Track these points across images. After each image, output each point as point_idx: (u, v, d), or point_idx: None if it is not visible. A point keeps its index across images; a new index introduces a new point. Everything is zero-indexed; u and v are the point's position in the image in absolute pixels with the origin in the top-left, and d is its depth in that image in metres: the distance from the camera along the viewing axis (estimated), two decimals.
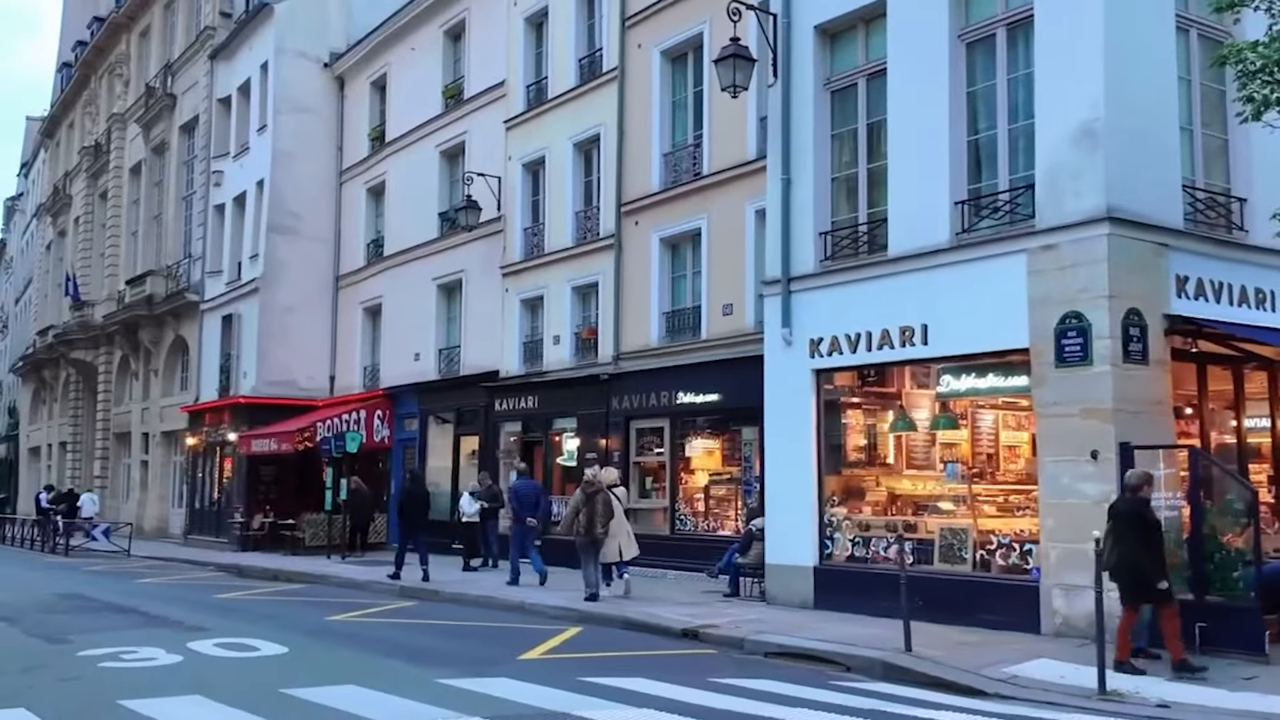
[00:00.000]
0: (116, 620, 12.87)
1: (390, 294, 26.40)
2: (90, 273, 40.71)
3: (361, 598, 16.08)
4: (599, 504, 14.08)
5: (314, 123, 28.71)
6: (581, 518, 14.03)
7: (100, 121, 41.76)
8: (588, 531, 13.98)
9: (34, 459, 49.81)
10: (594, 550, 14.11)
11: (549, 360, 20.93)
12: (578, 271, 20.40)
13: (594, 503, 14.06)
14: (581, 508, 14.09)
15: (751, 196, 16.65)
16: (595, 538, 13.99)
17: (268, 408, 27.41)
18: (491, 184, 22.47)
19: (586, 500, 14.10)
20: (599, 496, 14.15)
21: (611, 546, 14.24)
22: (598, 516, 14.00)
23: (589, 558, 14.11)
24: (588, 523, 13.97)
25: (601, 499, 14.15)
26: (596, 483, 14.32)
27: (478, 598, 15.21)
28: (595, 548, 14.09)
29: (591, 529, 13.97)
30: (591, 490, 14.19)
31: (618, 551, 14.33)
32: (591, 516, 14.00)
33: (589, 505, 14.06)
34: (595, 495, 14.13)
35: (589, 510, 14.03)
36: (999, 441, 12.78)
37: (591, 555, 14.12)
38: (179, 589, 17.65)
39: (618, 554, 14.35)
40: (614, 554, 14.32)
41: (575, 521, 14.08)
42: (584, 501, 14.11)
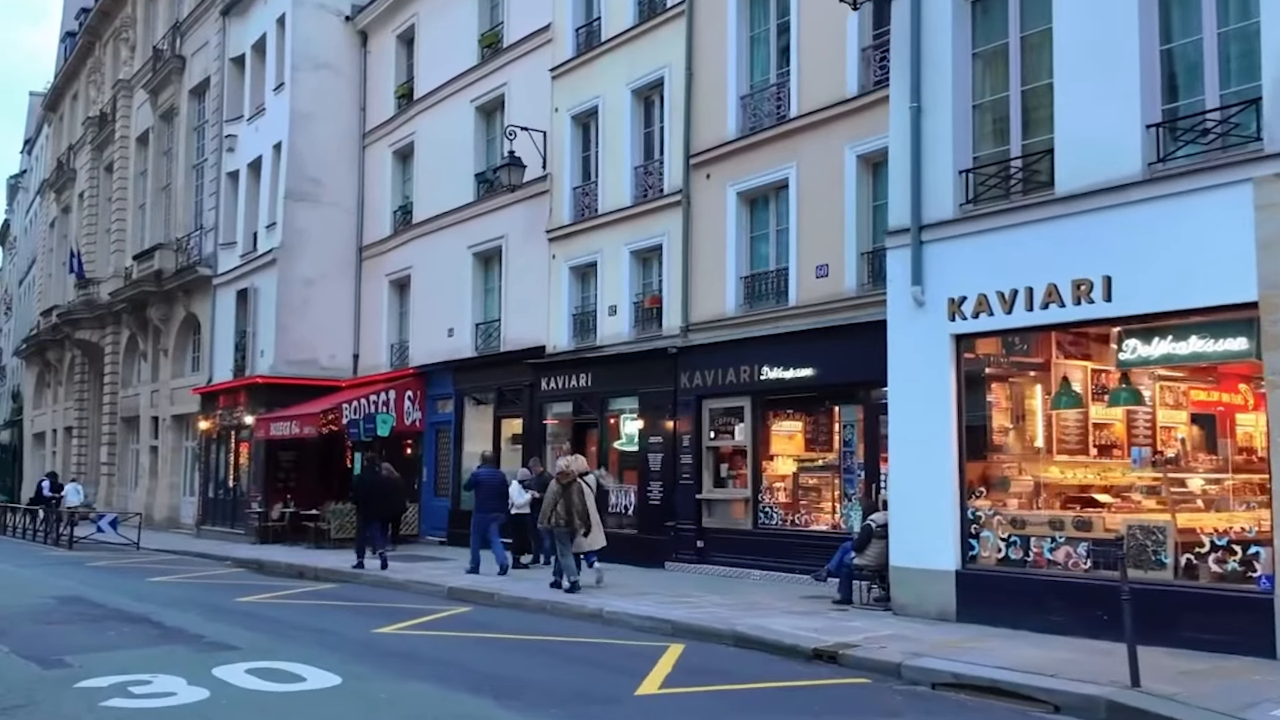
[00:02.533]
0: (125, 633, 10.76)
1: (420, 265, 24.24)
2: (96, 249, 38.67)
3: (405, 600, 13.98)
4: (575, 494, 13.86)
5: (335, 81, 26.51)
6: (560, 509, 13.82)
7: (105, 90, 39.62)
8: (567, 523, 13.80)
9: (38, 445, 47.84)
10: (571, 540, 13.92)
11: (604, 334, 18.75)
12: (637, 233, 18.20)
13: (570, 493, 13.85)
14: (559, 499, 13.86)
15: (852, 139, 14.48)
16: (574, 528, 13.81)
17: (287, 388, 25.30)
18: (535, 140, 20.28)
19: (563, 491, 13.87)
20: (574, 486, 13.91)
21: (591, 537, 14.05)
22: (574, 507, 13.81)
23: (567, 548, 13.91)
24: (566, 514, 13.79)
25: (576, 489, 13.91)
26: (571, 472, 14.05)
27: (541, 603, 13.08)
28: (573, 538, 13.89)
29: (570, 520, 13.78)
30: (566, 481, 13.93)
31: (591, 540, 14.09)
32: (569, 507, 13.80)
33: (565, 496, 13.82)
34: (570, 486, 13.89)
35: (566, 501, 13.81)
36: (1199, 420, 10.57)
37: (569, 546, 13.93)
38: (195, 590, 15.55)
39: (591, 544, 14.10)
40: (591, 544, 14.09)
41: (554, 513, 13.87)
42: (560, 493, 13.88)
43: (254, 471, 25.59)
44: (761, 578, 15.04)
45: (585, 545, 14.06)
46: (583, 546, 14.07)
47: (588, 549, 14.15)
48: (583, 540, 13.98)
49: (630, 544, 17.55)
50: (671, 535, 16.72)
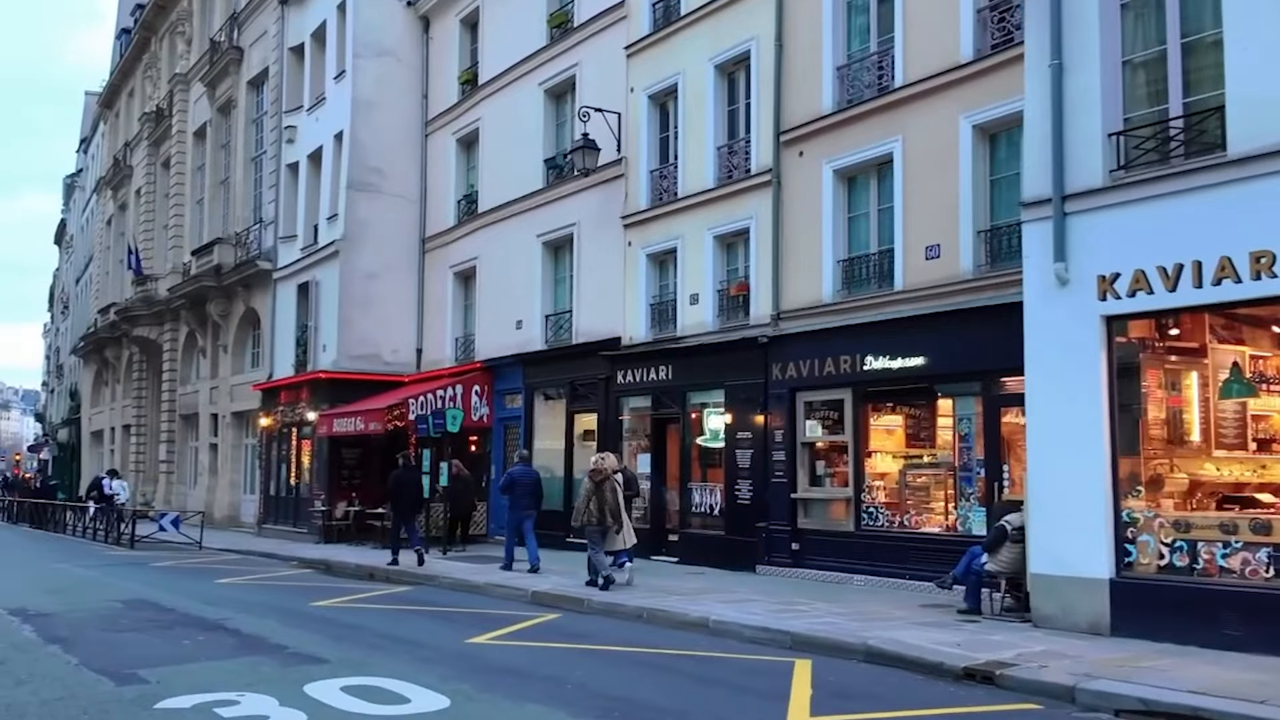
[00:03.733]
0: (201, 642, 9.97)
1: (486, 255, 23.43)
2: (153, 245, 38.44)
3: (489, 605, 13.09)
4: (607, 492, 13.75)
5: (396, 68, 25.81)
6: (592, 506, 13.70)
7: (161, 85, 39.39)
8: (599, 520, 13.66)
9: (96, 443, 47.87)
10: (601, 537, 13.79)
11: (685, 324, 17.77)
12: (721, 217, 17.20)
13: (603, 491, 13.74)
14: (591, 496, 13.75)
15: (967, 108, 13.37)
16: (606, 526, 13.68)
17: (349, 384, 24.64)
18: (610, 122, 19.36)
19: (595, 489, 13.76)
20: (607, 484, 13.78)
21: (618, 536, 13.90)
22: (607, 505, 13.69)
23: (599, 546, 13.79)
24: (599, 511, 13.67)
25: (609, 486, 13.80)
26: (604, 470, 13.91)
27: (637, 610, 12.12)
28: (603, 535, 13.78)
29: (603, 517, 13.66)
30: (599, 479, 13.80)
31: (623, 540, 13.94)
32: (601, 505, 13.68)
33: (598, 494, 13.73)
34: (603, 483, 13.77)
35: (598, 499, 13.70)
36: None
37: (600, 543, 13.80)
38: (266, 593, 14.80)
39: (623, 543, 13.95)
40: (619, 543, 13.92)
41: (587, 511, 13.74)
42: (593, 490, 13.78)
43: (317, 469, 24.95)
44: (866, 584, 13.99)
45: (618, 544, 13.93)
46: (616, 544, 13.94)
47: (621, 547, 14.01)
48: (615, 538, 13.87)
49: (717, 546, 16.58)
50: (763, 537, 15.71)
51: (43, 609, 12.37)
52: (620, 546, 13.99)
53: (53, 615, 11.86)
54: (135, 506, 30.50)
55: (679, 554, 17.43)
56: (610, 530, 13.75)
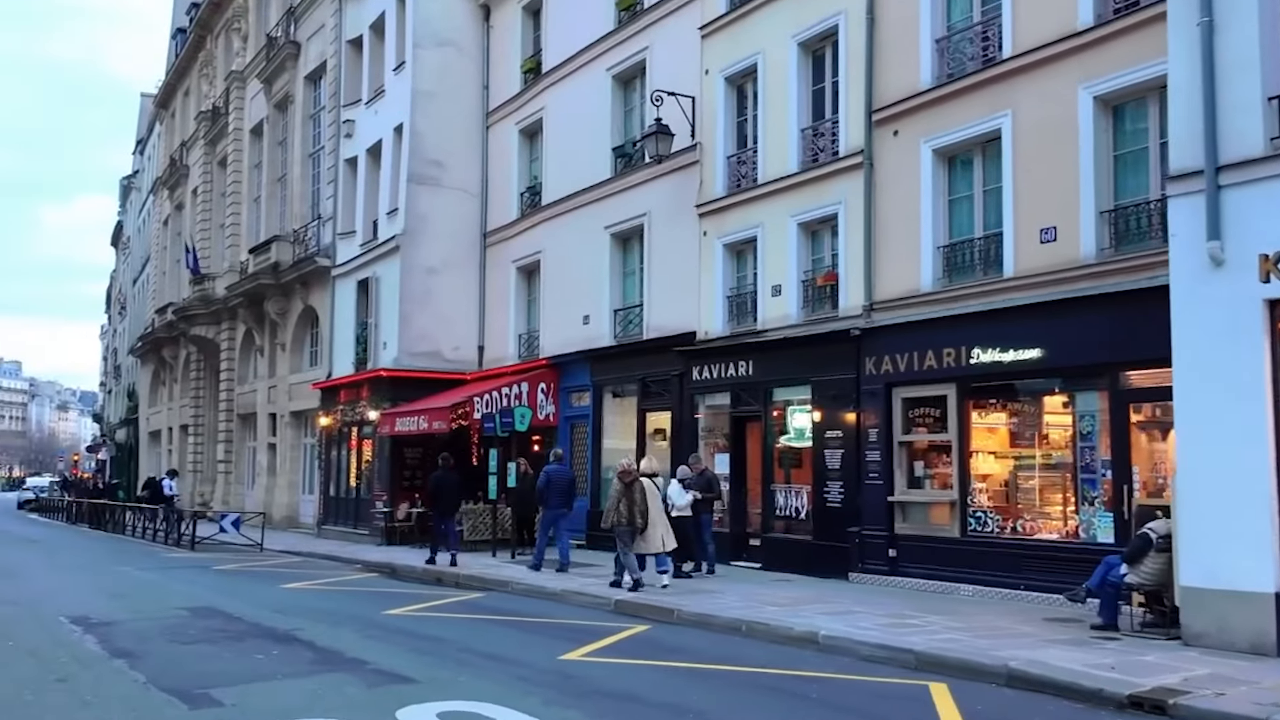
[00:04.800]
0: (276, 656, 9.25)
1: (550, 248, 22.67)
2: (210, 244, 38.27)
3: (569, 614, 12.29)
4: (637, 493, 13.72)
5: (457, 58, 25.14)
6: (622, 507, 13.67)
7: (217, 83, 39.20)
8: (629, 521, 13.63)
9: (154, 443, 47.97)
10: (633, 539, 13.72)
11: (766, 316, 16.85)
12: (806, 203, 16.26)
13: (632, 492, 13.72)
14: (621, 497, 13.72)
15: (1087, 78, 12.30)
16: (636, 527, 13.65)
17: (410, 382, 24.02)
18: (683, 106, 18.49)
19: (625, 490, 13.75)
20: (636, 485, 13.79)
21: (653, 538, 13.81)
22: (636, 505, 13.63)
23: (629, 547, 13.74)
24: (628, 512, 13.64)
25: (639, 488, 13.77)
26: (633, 471, 13.97)
27: (733, 623, 11.23)
28: (634, 537, 13.72)
29: (632, 518, 13.62)
30: (629, 480, 13.82)
31: (660, 542, 13.88)
32: (631, 506, 13.65)
33: (628, 494, 13.71)
34: (633, 484, 13.78)
35: (628, 499, 13.67)
36: None
37: (630, 544, 13.73)
38: (335, 599, 14.12)
39: (660, 545, 13.89)
40: (656, 545, 13.86)
41: (616, 511, 13.71)
42: (623, 491, 13.76)
43: (378, 469, 24.37)
44: (974, 594, 12.98)
45: (645, 547, 13.84)
46: (653, 547, 13.87)
47: (650, 550, 13.91)
48: (654, 540, 13.82)
49: (805, 551, 15.65)
50: (856, 543, 14.75)
51: (105, 616, 11.78)
52: (658, 549, 13.92)
53: (116, 624, 11.25)
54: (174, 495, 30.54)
55: (761, 559, 16.52)
56: (639, 531, 13.70)
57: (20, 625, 11.16)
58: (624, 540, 13.74)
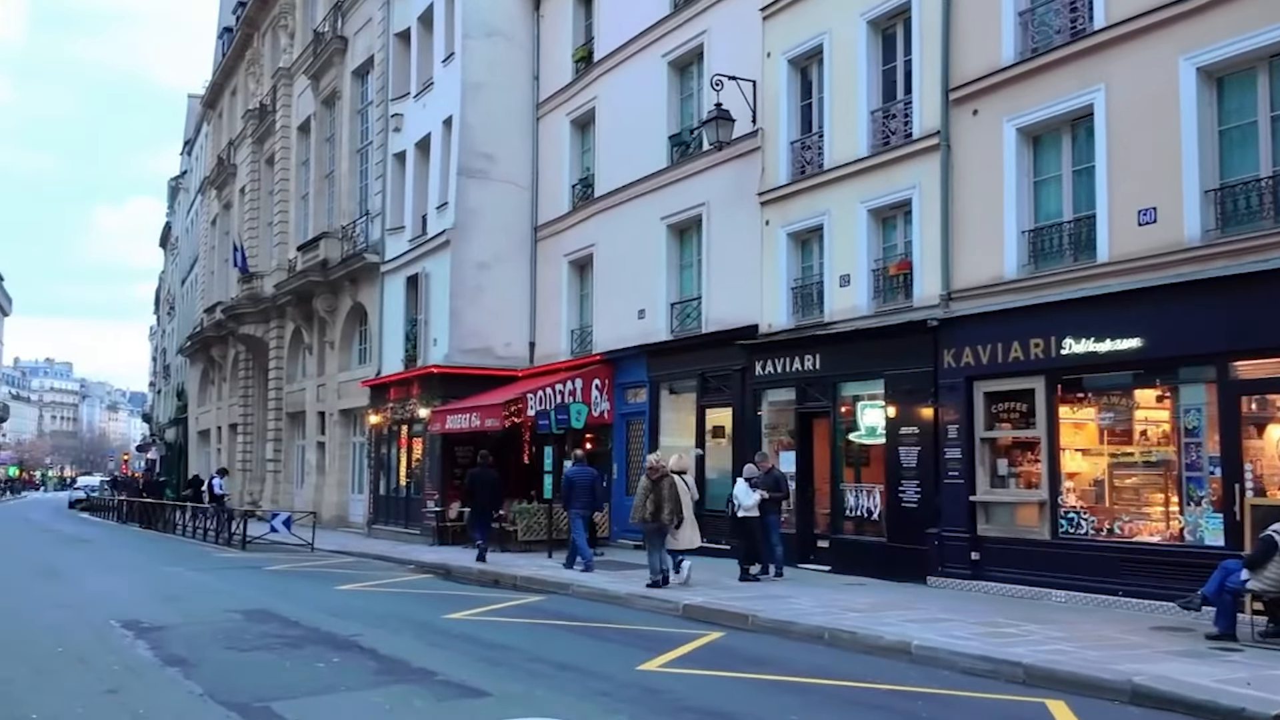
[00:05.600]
0: (337, 665, 8.72)
1: (604, 242, 22.09)
2: (258, 243, 38.18)
3: (639, 620, 11.69)
4: (665, 489, 13.72)
5: (507, 48, 24.64)
6: (649, 504, 13.71)
7: (264, 81, 39.11)
8: (654, 518, 13.67)
9: (203, 442, 48.12)
10: (661, 537, 13.80)
11: (834, 308, 16.13)
12: (876, 188, 15.52)
13: (660, 488, 13.73)
14: (649, 495, 13.76)
15: (1189, 48, 11.47)
16: (663, 524, 13.69)
17: (461, 379, 23.57)
18: (744, 91, 17.81)
19: (653, 486, 13.76)
20: (664, 482, 13.79)
21: (684, 535, 13.92)
22: (665, 502, 13.67)
23: (656, 545, 13.83)
24: (655, 509, 13.68)
25: (668, 484, 13.78)
26: (661, 468, 13.98)
27: (814, 631, 10.55)
28: (663, 535, 13.80)
29: (659, 515, 13.65)
30: (657, 476, 13.82)
31: (689, 540, 13.98)
32: (659, 502, 13.68)
33: (655, 491, 13.73)
34: (661, 481, 13.78)
35: (655, 496, 13.71)
36: None
37: (658, 542, 13.83)
38: (392, 602, 13.63)
39: (690, 542, 14.00)
40: (686, 542, 13.97)
41: (644, 509, 13.75)
42: (650, 488, 13.78)
43: (428, 468, 23.95)
44: (1067, 600, 12.19)
45: (675, 543, 13.88)
46: (671, 545, 13.88)
47: (680, 548, 13.95)
48: (685, 537, 13.88)
49: (878, 554, 14.92)
50: (935, 545, 13.98)
51: (157, 620, 11.36)
52: (687, 547, 13.99)
53: (168, 628, 10.81)
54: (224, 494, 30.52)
55: (830, 562, 15.81)
56: (669, 529, 13.76)
57: (71, 630, 10.76)
58: (651, 538, 13.91)
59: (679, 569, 14.03)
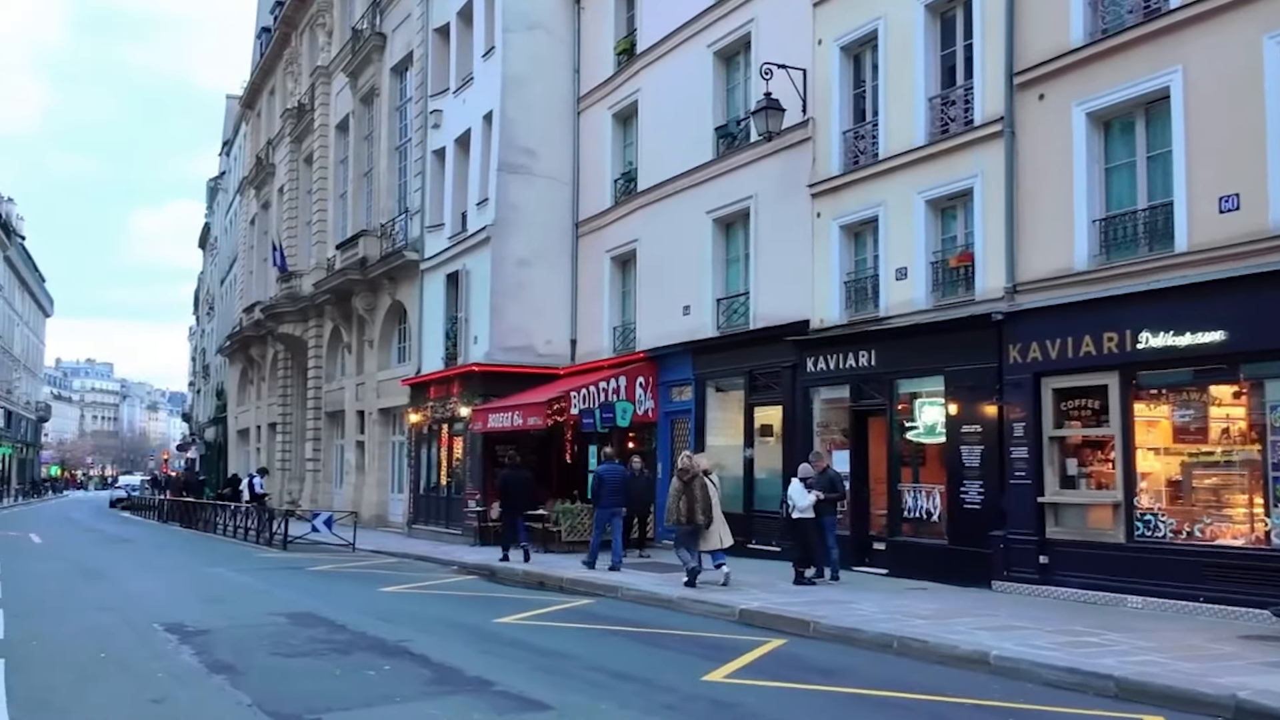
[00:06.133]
0: (388, 673, 8.36)
1: (647, 237, 21.66)
2: (297, 242, 38.14)
3: (694, 626, 11.24)
4: (697, 490, 13.80)
5: (547, 42, 24.28)
6: (681, 505, 13.79)
7: (303, 80, 39.04)
8: (689, 519, 13.77)
9: (242, 441, 48.25)
10: (694, 537, 13.89)
11: (890, 302, 15.60)
12: (934, 178, 14.98)
13: (692, 489, 13.81)
14: (680, 495, 13.85)
15: (1271, 27, 10.94)
16: (696, 524, 13.78)
17: (502, 377, 23.23)
18: (793, 79, 17.32)
19: (684, 487, 13.85)
20: (696, 482, 13.86)
21: (714, 535, 13.91)
22: (697, 503, 13.75)
23: (688, 544, 13.95)
24: (688, 509, 13.77)
25: (699, 484, 13.86)
26: (692, 468, 14.03)
27: (882, 639, 10.06)
28: (696, 535, 13.87)
29: (692, 515, 13.75)
30: (688, 477, 13.90)
31: (719, 540, 13.94)
32: (691, 503, 13.76)
33: (687, 492, 13.82)
34: (692, 481, 13.86)
35: (688, 497, 13.79)
36: None
37: (691, 542, 13.93)
38: (438, 605, 13.29)
39: (719, 542, 13.95)
40: (716, 542, 13.94)
41: (676, 509, 13.84)
42: (682, 489, 13.86)
43: (469, 467, 23.64)
44: (1144, 606, 11.61)
45: (704, 544, 13.90)
46: (701, 545, 13.90)
47: (710, 548, 13.94)
48: (714, 538, 13.86)
49: (938, 557, 14.38)
50: (1000, 548, 13.43)
51: (201, 624, 11.07)
52: (717, 546, 13.95)
53: (212, 632, 10.52)
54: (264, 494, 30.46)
55: (887, 565, 15.28)
56: (701, 529, 13.79)
57: (114, 634, 10.50)
58: (683, 538, 14.00)
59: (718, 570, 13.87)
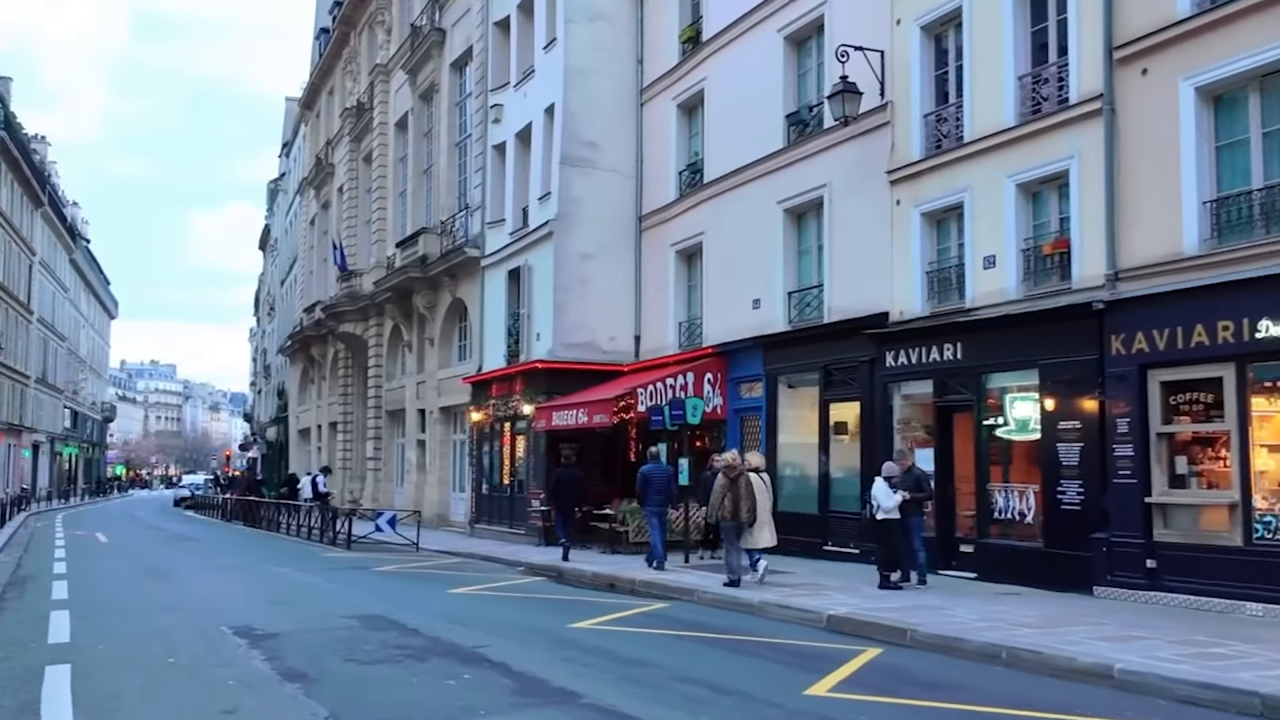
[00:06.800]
0: (469, 682, 7.88)
1: (714, 229, 21.06)
2: (356, 241, 38.12)
3: (780, 633, 10.63)
4: (742, 487, 13.70)
5: (610, 32, 23.79)
6: (727, 502, 13.72)
7: (361, 79, 39.02)
8: (733, 516, 13.70)
9: (303, 440, 48.47)
10: (739, 535, 13.81)
11: (977, 292, 14.84)
12: (1026, 160, 14.19)
13: (737, 487, 13.71)
14: (725, 492, 13.77)
15: None
16: (740, 521, 13.71)
17: (566, 374, 22.79)
18: (870, 61, 16.62)
19: (730, 485, 13.76)
20: (741, 480, 13.75)
21: (760, 534, 13.86)
22: (742, 499, 13.65)
23: (733, 543, 13.87)
24: (733, 507, 13.68)
25: (744, 481, 13.75)
26: (738, 465, 13.94)
27: (989, 649, 9.37)
28: (740, 532, 13.79)
29: (737, 513, 13.69)
30: (733, 475, 13.80)
31: (766, 538, 13.92)
32: (736, 500, 13.67)
33: (733, 489, 13.72)
34: (738, 479, 13.75)
35: (733, 494, 13.70)
36: None
37: (735, 540, 13.84)
38: (510, 608, 12.83)
39: (766, 541, 13.92)
40: (763, 541, 13.91)
41: (721, 506, 13.80)
42: (727, 486, 13.78)
43: (533, 466, 23.23)
44: (1264, 614, 10.78)
45: (750, 542, 13.82)
46: (760, 542, 13.83)
47: (756, 546, 13.88)
48: (761, 536, 13.81)
49: (1033, 560, 13.61)
50: (1102, 551, 12.63)
51: (270, 627, 10.71)
52: (763, 545, 13.90)
53: (282, 636, 10.14)
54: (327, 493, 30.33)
55: (975, 568, 14.53)
56: (745, 526, 13.72)
57: (181, 636, 10.17)
58: (729, 536, 13.90)
59: (755, 567, 13.90)
